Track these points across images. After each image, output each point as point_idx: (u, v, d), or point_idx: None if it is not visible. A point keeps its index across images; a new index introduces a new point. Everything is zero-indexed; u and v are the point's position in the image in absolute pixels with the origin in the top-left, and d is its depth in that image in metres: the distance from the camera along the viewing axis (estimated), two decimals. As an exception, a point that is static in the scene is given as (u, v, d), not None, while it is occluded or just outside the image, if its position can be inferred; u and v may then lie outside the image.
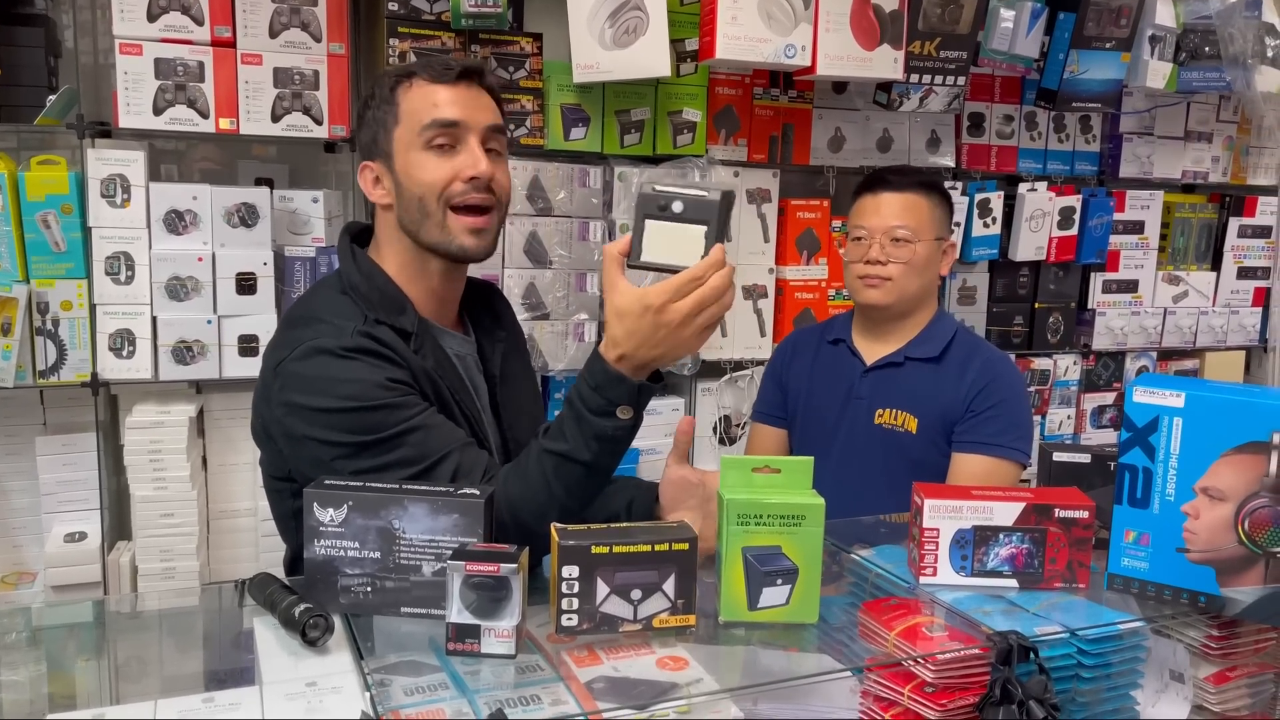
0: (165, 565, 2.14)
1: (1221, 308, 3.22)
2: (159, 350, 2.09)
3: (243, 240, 2.12)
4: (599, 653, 1.15)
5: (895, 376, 2.04)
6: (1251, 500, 1.23)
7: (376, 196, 1.47)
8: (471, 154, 1.41)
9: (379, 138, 1.45)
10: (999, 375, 2.00)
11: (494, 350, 1.58)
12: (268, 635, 1.16)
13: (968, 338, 2.08)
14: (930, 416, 2.00)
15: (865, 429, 2.04)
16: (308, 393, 1.35)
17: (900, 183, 2.02)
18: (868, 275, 2.01)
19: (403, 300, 1.45)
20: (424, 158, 1.41)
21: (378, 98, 1.45)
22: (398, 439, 1.33)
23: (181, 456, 2.11)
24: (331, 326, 1.38)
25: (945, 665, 1.16)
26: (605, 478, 1.35)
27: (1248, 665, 1.36)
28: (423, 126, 1.41)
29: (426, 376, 1.41)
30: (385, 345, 1.37)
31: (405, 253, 1.47)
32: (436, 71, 1.42)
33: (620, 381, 1.25)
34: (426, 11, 2.21)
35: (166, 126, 2.07)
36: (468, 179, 1.40)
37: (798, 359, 2.19)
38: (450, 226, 1.42)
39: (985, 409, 1.96)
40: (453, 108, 1.41)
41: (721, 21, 2.20)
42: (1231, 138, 3.16)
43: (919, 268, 2.00)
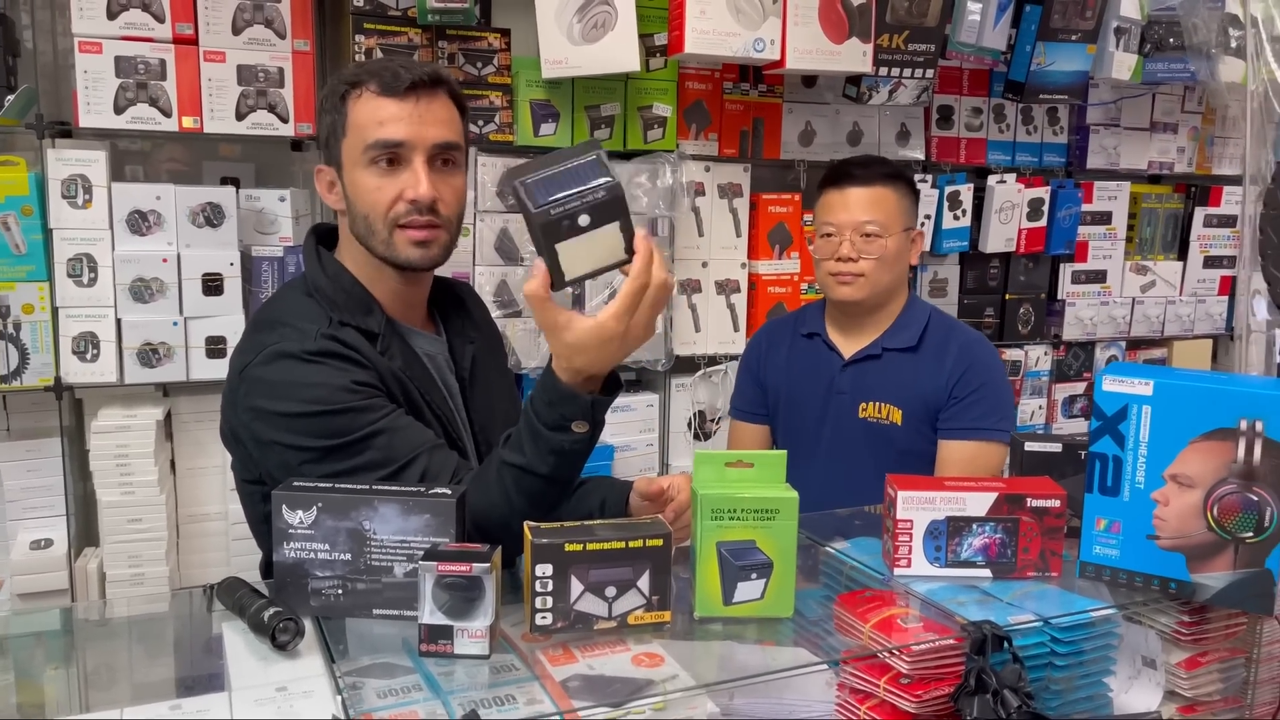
0: (134, 571, 2.10)
1: (1189, 297, 3.26)
2: (124, 353, 2.06)
3: (208, 240, 2.09)
4: (574, 651, 1.14)
5: (875, 369, 2.05)
6: (1220, 486, 1.25)
7: (331, 202, 1.46)
8: (414, 174, 1.38)
9: (330, 144, 1.43)
10: (977, 358, 2.01)
11: (464, 350, 1.57)
12: (237, 640, 1.15)
13: (942, 321, 2.09)
14: (914, 406, 2.00)
15: (850, 423, 2.05)
16: (272, 398, 1.34)
17: (866, 176, 2.01)
18: (840, 273, 2.00)
19: (369, 301, 1.44)
20: (367, 176, 1.38)
21: (329, 102, 1.43)
22: (364, 442, 1.31)
23: (149, 460, 2.08)
24: (295, 330, 1.37)
25: (920, 656, 1.16)
26: (567, 487, 1.34)
27: (1219, 650, 1.37)
28: (366, 145, 1.38)
29: (394, 378, 1.40)
30: (350, 347, 1.36)
31: (363, 257, 1.45)
32: (386, 82, 1.37)
33: (573, 399, 1.23)
34: (393, 7, 2.19)
35: (128, 126, 2.03)
36: (410, 200, 1.38)
37: (773, 353, 2.18)
38: (394, 241, 1.40)
39: (967, 394, 1.98)
40: (398, 126, 1.37)
41: (690, 16, 2.19)
42: (1196, 128, 3.19)
43: (890, 261, 2.00)
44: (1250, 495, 1.23)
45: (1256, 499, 1.23)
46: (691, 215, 2.54)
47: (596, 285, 2.29)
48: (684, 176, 2.49)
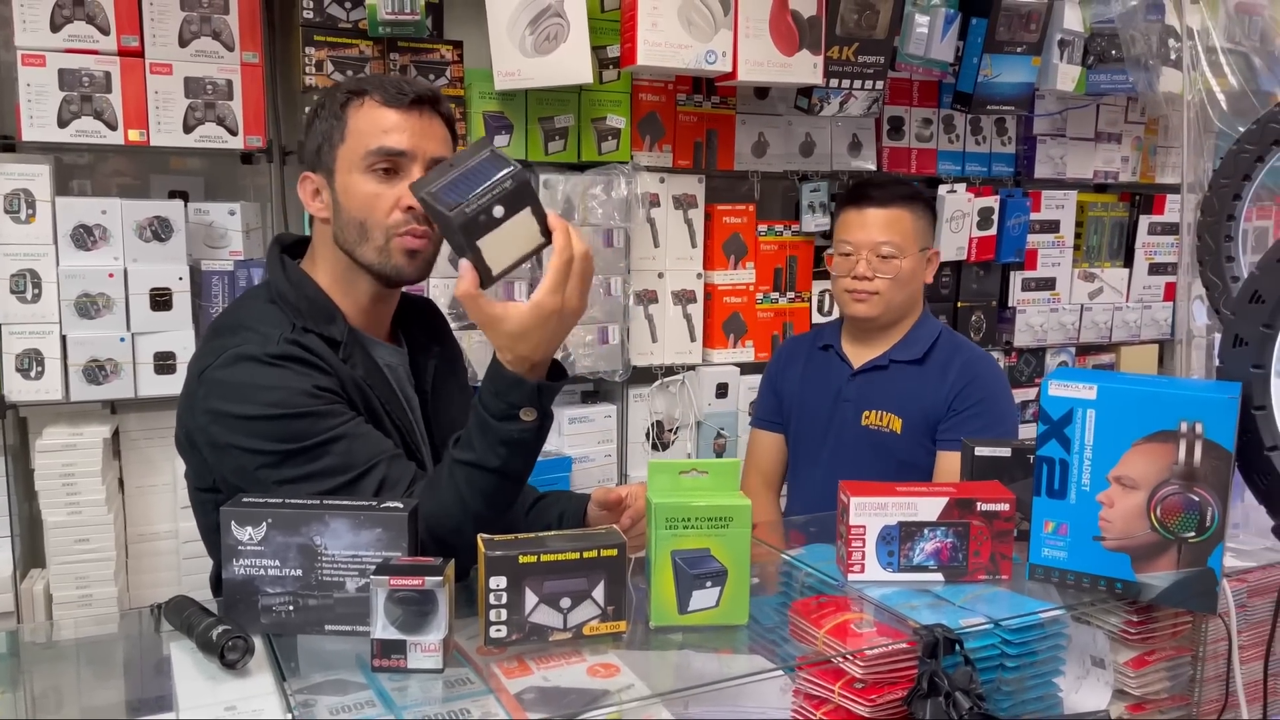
0: (81, 592, 2.06)
1: (1135, 303, 3.33)
2: (69, 370, 2.02)
3: (156, 255, 2.06)
4: (529, 663, 1.14)
5: (881, 379, 2.11)
6: (1162, 488, 1.27)
7: (315, 209, 1.45)
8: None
9: (323, 151, 1.43)
10: (978, 375, 2.07)
11: (426, 364, 1.57)
12: (185, 659, 1.13)
13: (951, 339, 2.16)
14: (914, 417, 2.06)
15: (853, 430, 2.11)
16: (232, 400, 1.33)
17: (883, 197, 2.07)
18: (855, 290, 2.07)
19: (332, 310, 1.44)
20: (364, 180, 1.40)
21: (327, 109, 1.43)
22: (323, 447, 1.31)
23: (96, 479, 2.04)
24: (257, 334, 1.36)
25: (873, 660, 1.17)
26: (518, 483, 1.35)
27: (1165, 649, 1.40)
28: (368, 151, 1.39)
29: (355, 386, 1.40)
30: (312, 353, 1.37)
31: (338, 266, 1.45)
32: (390, 94, 1.40)
33: (519, 384, 1.25)
34: (343, 19, 2.18)
35: (72, 139, 2.00)
36: (407, 209, 1.39)
37: (791, 365, 2.26)
38: (390, 249, 1.41)
39: (966, 408, 2.04)
40: (401, 136, 1.39)
41: (642, 28, 2.20)
42: (1140, 138, 3.26)
43: (905, 281, 2.07)
44: (1191, 496, 1.26)
45: (1198, 499, 1.25)
46: (647, 226, 2.55)
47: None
48: (638, 188, 2.50)
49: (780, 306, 2.73)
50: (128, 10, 2.01)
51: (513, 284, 2.38)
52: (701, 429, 2.68)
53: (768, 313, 2.72)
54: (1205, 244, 1.45)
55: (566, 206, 2.41)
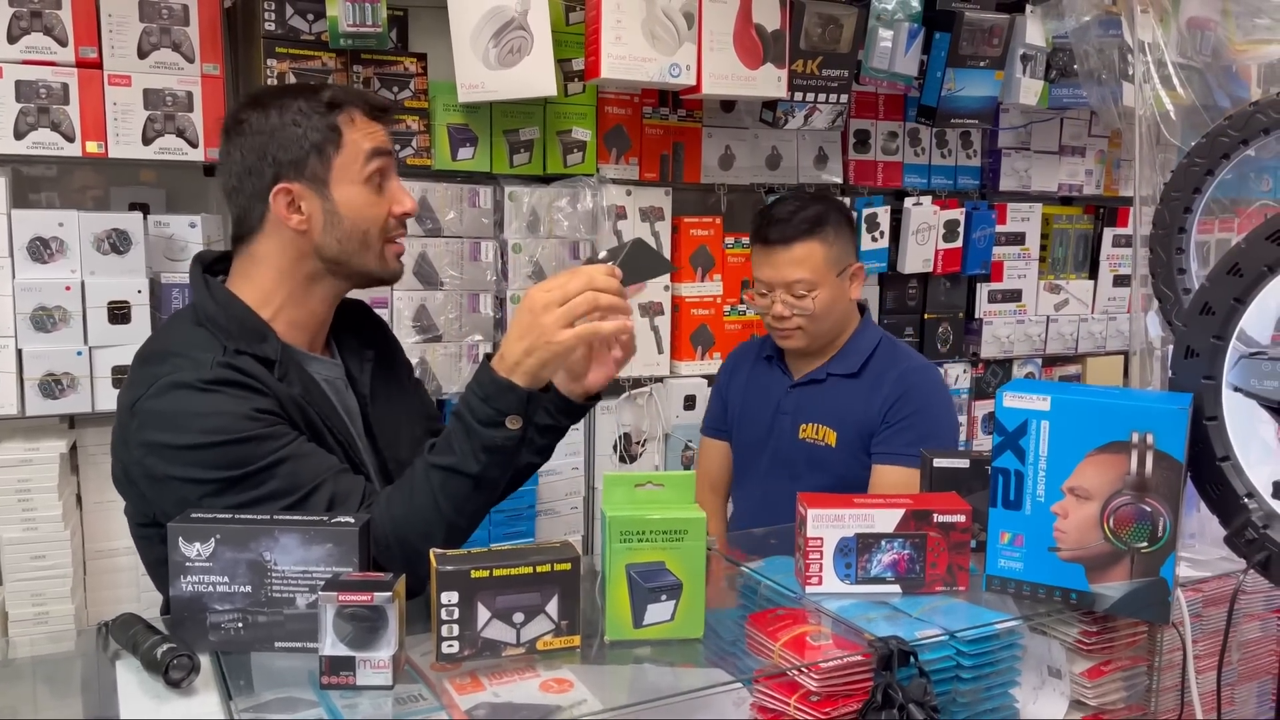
0: (37, 610, 2.03)
1: (1100, 314, 3.36)
2: (25, 384, 1.99)
3: (114, 268, 2.03)
4: (482, 679, 1.13)
5: (817, 392, 2.10)
6: (1115, 498, 1.28)
7: (294, 223, 1.41)
8: (400, 192, 1.48)
9: (310, 163, 1.39)
10: (913, 386, 2.03)
11: (362, 370, 1.55)
12: (130, 679, 1.11)
13: (890, 350, 2.12)
14: (849, 430, 2.04)
15: (790, 443, 2.10)
16: (168, 430, 1.30)
17: (787, 234, 2.00)
18: (776, 329, 2.06)
19: (262, 328, 1.40)
20: (365, 191, 1.43)
21: (308, 117, 1.39)
22: (267, 471, 1.29)
23: (52, 495, 2.01)
24: (189, 360, 1.33)
25: (829, 673, 1.17)
26: (492, 493, 1.35)
27: (1121, 659, 1.40)
28: (366, 155, 1.43)
29: (295, 404, 1.37)
30: (248, 375, 1.34)
31: (295, 280, 1.43)
32: (370, 106, 1.46)
33: (510, 390, 1.28)
34: (305, 31, 2.17)
35: (29, 151, 1.98)
36: (399, 215, 1.47)
37: (737, 373, 2.26)
38: (386, 255, 1.47)
39: (899, 420, 2.00)
40: (386, 143, 1.47)
41: (605, 41, 2.21)
42: (1103, 151, 3.30)
43: (825, 312, 2.03)
44: (1144, 506, 1.27)
45: (1150, 509, 1.26)
46: (614, 239, 2.55)
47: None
48: (604, 200, 2.50)
49: (748, 318, 2.74)
50: (86, 21, 2.00)
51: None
52: (669, 441, 2.67)
53: (735, 325, 2.72)
54: (1157, 256, 1.46)
55: (532, 219, 2.41)
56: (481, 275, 2.38)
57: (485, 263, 2.38)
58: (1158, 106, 1.56)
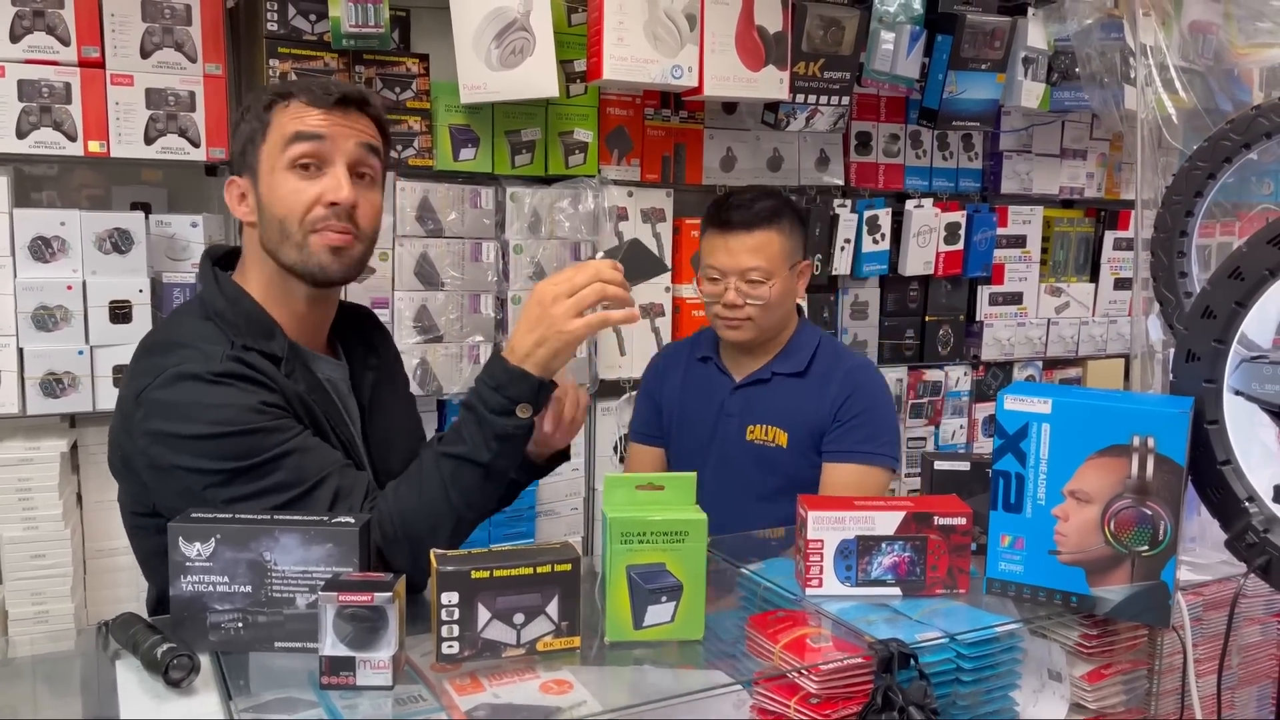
0: (37, 609, 2.03)
1: (1101, 317, 3.36)
2: (26, 383, 1.99)
3: (116, 267, 2.03)
4: (482, 680, 1.13)
5: (763, 392, 2.07)
6: (1116, 501, 1.28)
7: (241, 213, 1.43)
8: (335, 179, 1.37)
9: (247, 152, 1.41)
10: (861, 384, 2.03)
11: (365, 377, 1.55)
12: (130, 678, 1.11)
13: (831, 348, 2.12)
14: (799, 430, 2.03)
15: (737, 445, 2.06)
16: (175, 419, 1.29)
17: (748, 220, 1.98)
18: (726, 318, 2.01)
19: (270, 324, 1.40)
20: (287, 178, 1.37)
21: (252, 112, 1.41)
22: (273, 463, 1.29)
23: (53, 494, 2.01)
24: (197, 351, 1.33)
25: (828, 675, 1.17)
26: (500, 483, 1.36)
27: (1121, 663, 1.40)
28: (286, 141, 1.37)
29: (300, 401, 1.38)
30: (256, 370, 1.34)
31: (269, 274, 1.42)
32: (314, 95, 1.39)
33: (523, 378, 1.30)
34: (308, 31, 2.17)
35: (31, 150, 1.98)
36: (328, 204, 1.37)
37: (669, 376, 2.20)
38: (309, 246, 1.38)
39: (850, 418, 2.00)
40: (321, 125, 1.38)
41: (608, 43, 2.21)
42: (1105, 154, 3.30)
43: (776, 304, 2.01)
44: (1145, 509, 1.27)
45: (1150, 513, 1.26)
46: (615, 240, 2.55)
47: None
48: (606, 201, 2.50)
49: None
50: (89, 21, 2.00)
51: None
52: (669, 442, 2.67)
53: (736, 326, 2.72)
54: (1158, 260, 1.46)
55: (534, 220, 2.41)
56: (483, 276, 2.38)
57: (486, 263, 2.38)
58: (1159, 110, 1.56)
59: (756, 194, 2.05)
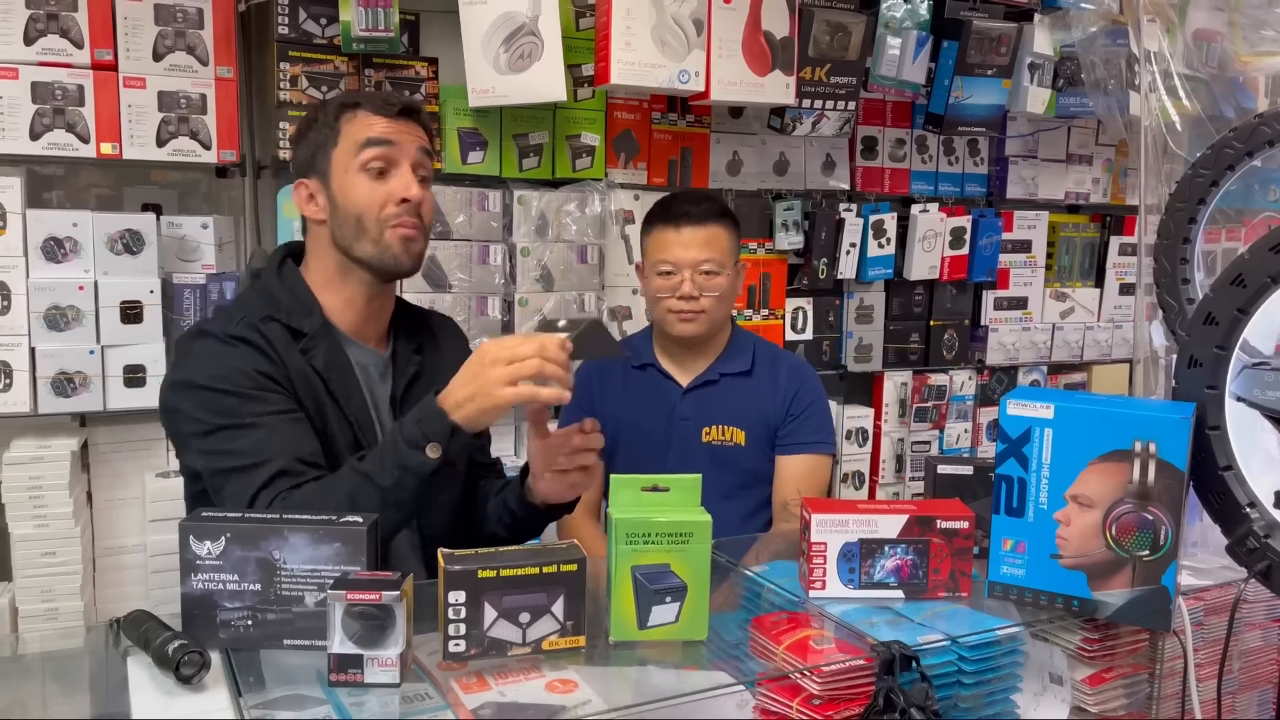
0: (47, 606, 2.04)
1: (1106, 322, 3.36)
2: (38, 382, 2.01)
3: (127, 268, 2.05)
4: (487, 678, 1.14)
5: (715, 393, 2.14)
6: (1117, 506, 1.29)
7: (310, 212, 1.57)
8: (404, 178, 1.53)
9: (317, 157, 1.55)
10: (806, 378, 2.17)
11: (405, 369, 1.64)
12: (141, 675, 1.13)
13: (767, 347, 2.23)
14: (756, 427, 2.12)
15: (694, 448, 2.12)
16: (185, 368, 1.47)
17: (700, 214, 2.07)
18: (681, 310, 2.06)
19: (311, 304, 1.55)
20: (360, 179, 1.52)
21: (320, 121, 1.56)
22: (242, 430, 1.41)
23: (63, 492, 2.03)
24: (225, 315, 1.52)
25: (831, 677, 1.18)
26: (400, 515, 1.40)
27: (1122, 666, 1.41)
28: (360, 147, 1.52)
29: (304, 376, 1.49)
30: (266, 339, 1.47)
31: (332, 265, 1.57)
32: (379, 105, 1.55)
33: (441, 418, 1.34)
34: (318, 35, 2.19)
35: (44, 152, 2.00)
36: (399, 201, 1.52)
37: (605, 386, 2.19)
38: (385, 240, 1.53)
39: (801, 411, 2.12)
40: (390, 132, 1.54)
41: (615, 47, 2.22)
42: (1111, 160, 3.31)
43: (727, 297, 2.10)
44: (1146, 514, 1.27)
45: (1152, 518, 1.27)
46: (621, 243, 2.57)
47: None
48: (612, 205, 2.52)
49: (754, 323, 2.75)
50: (102, 24, 2.02)
51: (487, 298, 2.40)
52: (674, 445, 2.68)
53: (745, 327, 2.73)
54: (1161, 266, 1.47)
55: (541, 223, 2.42)
56: (490, 278, 2.40)
57: (494, 266, 2.39)
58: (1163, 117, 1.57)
59: (700, 194, 2.19)
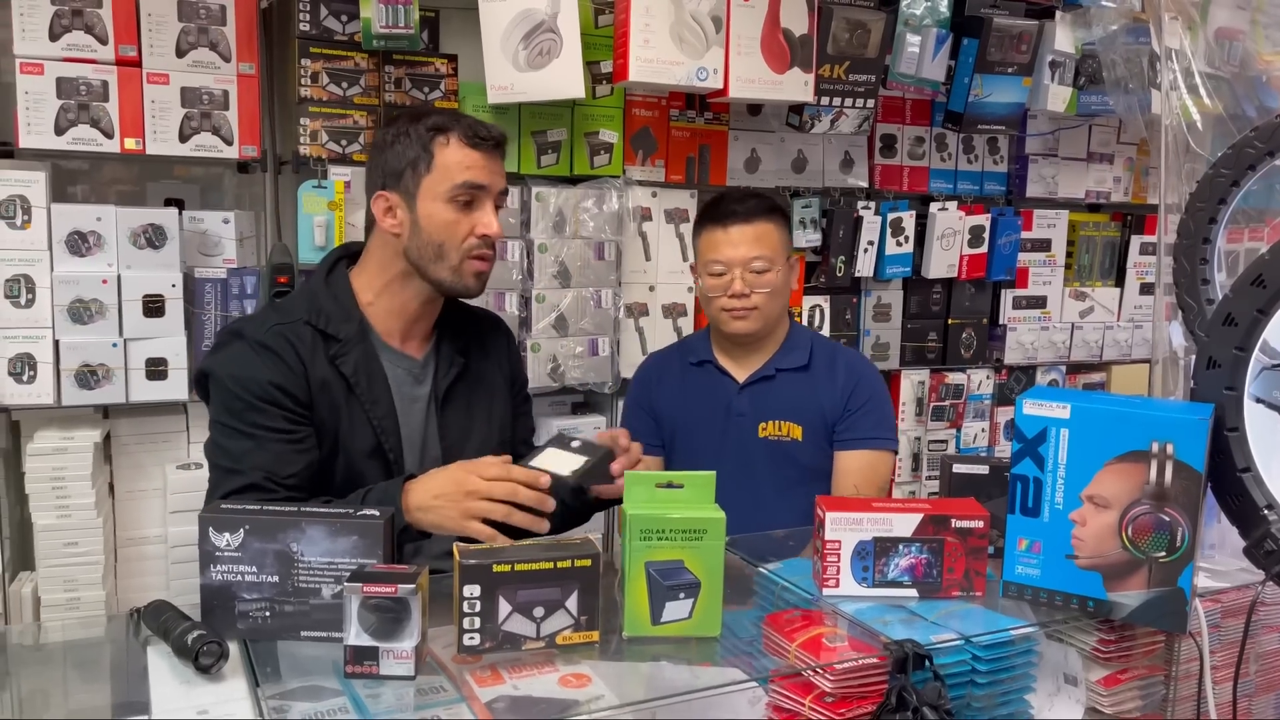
0: (69, 595, 2.07)
1: (1126, 322, 3.34)
2: (61, 374, 2.04)
3: (150, 262, 2.08)
4: (502, 672, 1.15)
5: (771, 389, 2.13)
6: (1134, 507, 1.29)
7: (388, 225, 1.64)
8: (487, 214, 1.63)
9: (405, 176, 1.62)
10: (864, 373, 2.15)
11: (447, 371, 1.70)
12: (161, 664, 1.14)
13: (824, 342, 2.22)
14: (814, 421, 2.10)
15: (751, 443, 2.11)
16: (216, 360, 1.57)
17: (749, 212, 2.07)
18: (734, 308, 2.06)
19: (352, 310, 1.63)
20: (447, 209, 1.61)
21: (412, 139, 1.62)
22: (239, 434, 1.51)
23: (86, 483, 2.06)
24: (261, 317, 1.63)
25: (844, 675, 1.18)
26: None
27: (1138, 668, 1.41)
28: (455, 185, 1.60)
29: (323, 383, 1.56)
30: (293, 346, 1.55)
31: (394, 272, 1.64)
32: (471, 135, 1.61)
33: (396, 509, 1.38)
34: (339, 32, 2.20)
35: (69, 146, 2.02)
36: (481, 235, 1.62)
37: (663, 384, 2.21)
38: (463, 269, 1.63)
39: (859, 406, 2.10)
40: (482, 173, 1.62)
41: (634, 44, 2.23)
42: (1132, 159, 3.28)
43: (779, 292, 2.09)
44: (1162, 516, 1.27)
45: (1168, 519, 1.27)
46: (639, 240, 2.57)
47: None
48: (630, 202, 2.52)
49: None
50: (126, 20, 2.04)
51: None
52: (689, 442, 2.69)
53: (758, 327, 2.73)
54: (1181, 266, 1.46)
55: (559, 219, 2.43)
56: (507, 274, 2.40)
57: (511, 262, 2.40)
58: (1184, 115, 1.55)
59: (748, 191, 2.18)
